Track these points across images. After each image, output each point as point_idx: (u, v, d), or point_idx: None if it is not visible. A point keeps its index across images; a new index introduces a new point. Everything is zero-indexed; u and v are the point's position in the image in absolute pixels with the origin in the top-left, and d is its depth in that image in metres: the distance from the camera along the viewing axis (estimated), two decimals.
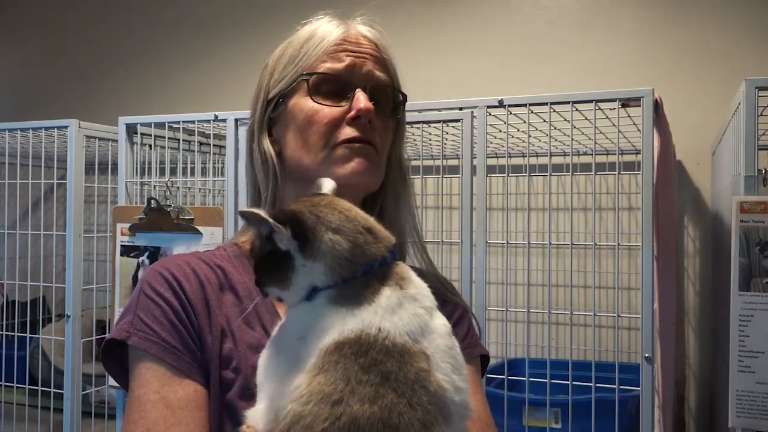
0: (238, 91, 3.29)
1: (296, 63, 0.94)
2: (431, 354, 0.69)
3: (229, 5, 3.41)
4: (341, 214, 0.74)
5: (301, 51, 0.94)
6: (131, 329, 0.86)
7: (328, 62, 0.92)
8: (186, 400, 0.83)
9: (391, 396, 0.65)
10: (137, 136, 2.17)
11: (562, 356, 2.63)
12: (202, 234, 1.93)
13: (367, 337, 0.67)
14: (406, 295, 0.72)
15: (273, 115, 0.97)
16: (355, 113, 0.90)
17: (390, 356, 0.67)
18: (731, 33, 2.59)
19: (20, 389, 2.78)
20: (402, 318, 0.69)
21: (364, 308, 0.69)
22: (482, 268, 1.81)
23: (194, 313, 0.87)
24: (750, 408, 1.48)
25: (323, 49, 0.93)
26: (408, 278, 0.74)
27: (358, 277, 0.72)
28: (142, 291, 0.89)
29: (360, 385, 0.65)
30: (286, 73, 0.95)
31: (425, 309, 0.72)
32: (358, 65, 0.93)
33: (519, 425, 1.96)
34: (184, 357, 0.85)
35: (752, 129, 1.53)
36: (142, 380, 0.84)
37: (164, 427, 0.80)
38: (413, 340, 0.69)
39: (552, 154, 1.85)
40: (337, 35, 0.94)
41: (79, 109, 3.28)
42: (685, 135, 2.48)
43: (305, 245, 0.72)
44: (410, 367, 0.67)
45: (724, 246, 1.83)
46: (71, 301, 2.28)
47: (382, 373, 0.66)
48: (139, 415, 0.82)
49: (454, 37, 2.98)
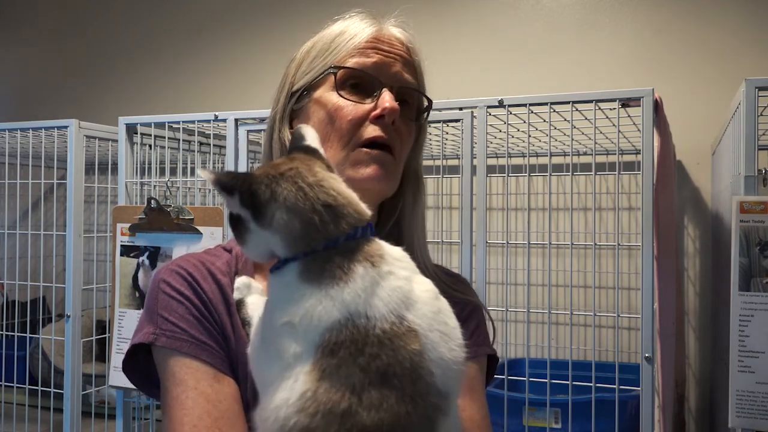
0: (238, 91, 3.31)
1: (325, 56, 0.93)
2: (419, 327, 0.69)
3: (229, 6, 3.41)
4: (300, 190, 0.73)
5: (331, 45, 0.93)
6: (157, 331, 0.85)
7: (357, 57, 0.91)
8: (224, 394, 0.82)
9: (394, 396, 0.65)
10: (137, 136, 2.17)
11: (562, 356, 2.64)
12: (202, 234, 1.93)
13: (358, 332, 0.67)
14: (381, 273, 0.71)
15: (296, 107, 0.95)
16: (380, 111, 0.89)
17: (383, 347, 0.67)
18: (731, 33, 2.59)
19: (20, 389, 2.78)
20: (382, 298, 0.69)
21: (340, 289, 0.69)
22: (482, 268, 1.81)
23: (216, 312, 0.87)
24: (750, 408, 1.48)
25: (354, 45, 0.92)
26: (381, 255, 0.73)
27: (320, 251, 0.72)
28: (161, 290, 0.88)
29: (365, 392, 0.65)
30: (314, 66, 0.94)
31: (403, 279, 0.72)
32: (387, 64, 0.92)
33: (519, 425, 1.96)
34: (216, 352, 0.85)
35: (752, 129, 1.53)
36: (177, 379, 0.82)
37: (210, 421, 0.79)
38: (399, 318, 0.68)
39: (552, 154, 1.85)
40: (369, 33, 0.93)
41: (79, 109, 3.28)
42: (685, 135, 2.49)
43: (257, 216, 0.73)
44: (404, 353, 0.67)
45: (724, 246, 1.83)
46: (71, 301, 2.28)
47: (380, 371, 0.66)
48: (182, 413, 0.80)
49: (454, 37, 2.98)
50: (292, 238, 0.72)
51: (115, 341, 2.02)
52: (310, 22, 1.04)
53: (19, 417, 2.52)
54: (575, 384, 1.73)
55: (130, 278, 2.01)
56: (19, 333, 2.71)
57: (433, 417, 0.67)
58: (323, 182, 0.75)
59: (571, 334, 1.98)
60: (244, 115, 2.04)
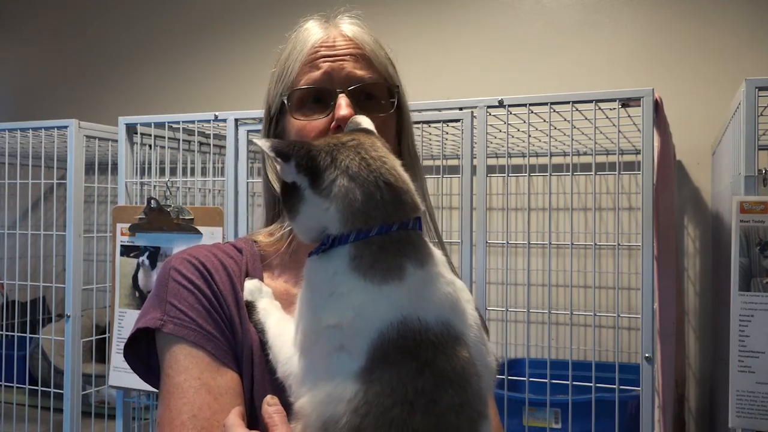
0: (238, 91, 3.31)
1: (282, 80, 0.94)
2: (466, 336, 0.70)
3: (229, 6, 3.41)
4: (364, 161, 0.71)
5: (284, 68, 0.94)
6: (165, 317, 0.85)
7: (307, 72, 0.92)
8: (226, 387, 0.82)
9: (446, 402, 0.66)
10: (137, 136, 2.17)
11: (562, 356, 2.64)
12: (202, 234, 1.93)
13: (411, 334, 0.67)
14: (430, 274, 0.71)
15: (278, 131, 0.97)
16: (335, 124, 0.88)
17: (438, 352, 0.67)
18: (731, 33, 2.59)
19: (20, 389, 2.78)
20: (433, 301, 0.69)
21: (393, 286, 0.68)
22: (482, 268, 1.81)
23: (225, 303, 0.87)
24: (750, 408, 1.48)
25: (302, 61, 0.92)
26: (429, 254, 0.73)
27: (374, 235, 0.69)
28: (171, 278, 0.87)
29: (418, 397, 0.65)
30: (276, 92, 0.96)
31: (451, 284, 0.72)
32: (335, 69, 0.91)
33: (519, 425, 1.96)
34: (221, 344, 0.84)
35: (752, 129, 1.53)
36: (180, 367, 0.82)
37: (209, 413, 0.79)
38: (448, 324, 0.69)
39: (552, 154, 1.85)
40: (314, 42, 0.92)
41: (79, 109, 3.28)
42: (685, 135, 2.49)
43: (315, 182, 0.70)
44: (457, 360, 0.68)
45: (724, 246, 1.83)
46: (71, 301, 2.28)
47: (435, 376, 0.66)
48: (183, 401, 0.80)
49: (454, 37, 2.98)
50: (350, 210, 0.70)
51: (115, 341, 2.02)
52: None
53: (19, 417, 2.51)
54: (575, 384, 1.73)
55: (130, 278, 2.01)
56: (19, 333, 2.71)
57: (477, 422, 0.68)
58: (385, 159, 0.73)
59: (571, 334, 1.98)
60: (244, 115, 2.04)
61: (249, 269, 0.93)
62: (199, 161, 2.31)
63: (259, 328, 0.85)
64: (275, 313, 0.86)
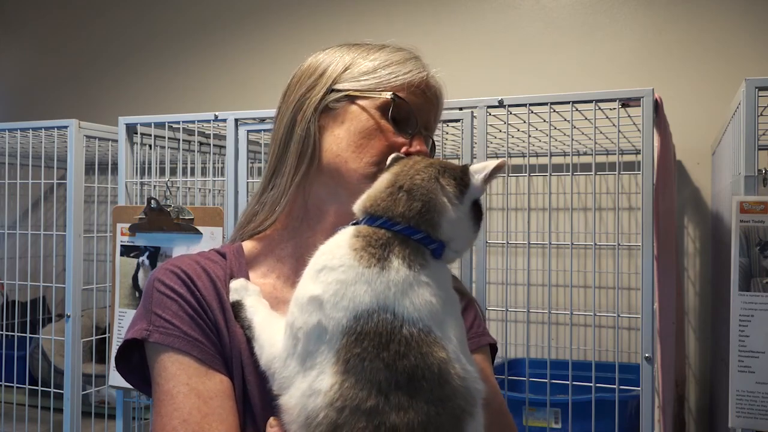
0: (238, 91, 3.31)
1: (380, 76, 0.96)
2: (444, 341, 0.71)
3: (229, 6, 3.41)
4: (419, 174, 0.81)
5: (389, 67, 0.97)
6: (150, 327, 0.87)
7: (408, 93, 0.96)
8: (215, 390, 0.84)
9: (422, 397, 0.67)
10: (137, 136, 2.17)
11: (562, 356, 2.64)
12: (202, 234, 1.93)
13: (384, 325, 0.68)
14: (417, 279, 0.72)
15: (332, 105, 0.96)
16: (413, 150, 0.95)
17: (410, 348, 0.68)
18: (731, 33, 2.59)
19: (20, 389, 2.78)
20: (414, 303, 0.71)
21: (375, 274, 0.71)
22: (482, 268, 1.81)
23: (210, 309, 0.88)
24: (750, 408, 1.48)
25: (409, 81, 0.96)
26: (424, 264, 0.75)
27: (398, 230, 0.75)
28: (155, 289, 0.90)
29: (392, 391, 0.66)
30: (367, 78, 0.96)
31: (436, 297, 0.73)
32: (427, 110, 0.99)
33: (519, 425, 1.96)
34: (208, 349, 0.86)
35: (752, 129, 1.53)
36: (168, 374, 0.84)
37: (199, 417, 0.81)
38: (427, 329, 0.70)
39: (552, 154, 1.85)
40: (423, 76, 0.98)
41: (79, 109, 3.29)
42: (685, 135, 2.49)
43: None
44: (432, 359, 0.68)
45: (724, 246, 1.83)
46: (71, 301, 2.28)
47: (407, 371, 0.67)
48: (173, 407, 0.82)
49: (454, 37, 2.98)
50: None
51: (115, 341, 2.02)
52: (310, 23, 1.04)
53: (19, 417, 2.52)
54: (575, 384, 1.73)
55: (130, 278, 2.01)
56: (19, 333, 2.71)
57: (461, 418, 0.69)
58: (424, 169, 0.81)
59: (571, 334, 1.98)
60: (244, 115, 2.04)
61: (234, 271, 0.94)
62: (199, 161, 2.31)
63: (246, 325, 0.86)
64: (263, 310, 0.87)
